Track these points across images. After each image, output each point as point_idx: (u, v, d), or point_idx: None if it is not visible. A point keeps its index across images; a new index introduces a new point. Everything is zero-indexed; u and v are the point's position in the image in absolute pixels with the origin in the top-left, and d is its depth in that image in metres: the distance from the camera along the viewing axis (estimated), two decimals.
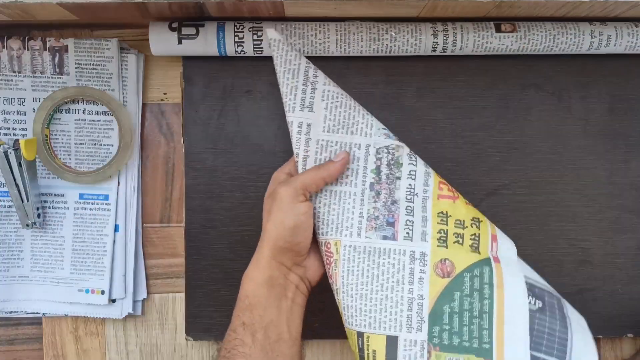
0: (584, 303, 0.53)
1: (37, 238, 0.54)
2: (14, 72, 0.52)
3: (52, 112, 0.52)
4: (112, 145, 0.53)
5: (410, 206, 0.44)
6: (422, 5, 0.46)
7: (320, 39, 0.50)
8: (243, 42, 0.49)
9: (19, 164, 0.50)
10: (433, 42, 0.50)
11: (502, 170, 0.53)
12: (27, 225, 0.52)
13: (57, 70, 0.53)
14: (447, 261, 0.42)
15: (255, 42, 0.49)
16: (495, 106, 0.53)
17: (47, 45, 0.52)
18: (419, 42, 0.50)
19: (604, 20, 0.51)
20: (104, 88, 0.53)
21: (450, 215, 0.44)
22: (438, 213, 0.44)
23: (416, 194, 0.44)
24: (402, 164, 0.44)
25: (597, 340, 0.56)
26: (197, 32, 0.49)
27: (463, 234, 0.43)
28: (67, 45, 0.52)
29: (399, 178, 0.44)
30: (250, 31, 0.49)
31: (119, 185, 0.54)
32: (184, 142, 0.53)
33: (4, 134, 0.53)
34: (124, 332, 0.55)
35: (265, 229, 0.42)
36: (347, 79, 0.53)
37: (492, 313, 0.41)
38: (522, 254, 0.54)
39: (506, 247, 0.45)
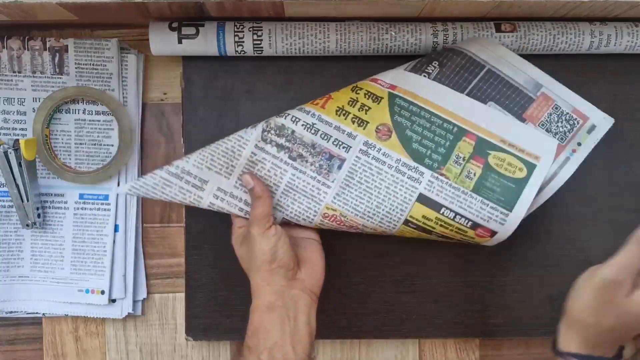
0: None
1: (37, 238, 0.54)
2: (14, 72, 0.52)
3: (52, 112, 0.52)
4: (112, 145, 0.53)
5: (321, 134, 0.47)
6: (422, 5, 0.46)
7: (320, 39, 0.50)
8: (243, 41, 0.49)
9: (19, 164, 0.50)
10: (433, 41, 0.50)
11: None
12: (27, 225, 0.52)
13: (57, 70, 0.53)
14: (379, 127, 0.47)
15: (255, 42, 0.49)
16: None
17: (47, 45, 0.52)
18: (418, 41, 0.50)
19: (604, 20, 0.51)
20: (104, 88, 0.53)
21: (342, 106, 0.47)
22: (336, 114, 0.47)
23: (313, 124, 0.47)
24: (282, 124, 0.47)
25: None
26: (197, 32, 0.49)
27: (362, 103, 0.47)
28: (67, 45, 0.52)
29: (293, 131, 0.47)
30: (250, 31, 0.49)
31: (119, 185, 0.54)
32: (184, 142, 0.53)
33: (4, 134, 0.53)
34: (124, 332, 0.55)
35: (250, 265, 0.46)
36: (347, 78, 0.53)
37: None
38: (523, 254, 0.54)
39: (385, 74, 0.48)
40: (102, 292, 0.54)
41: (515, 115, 0.45)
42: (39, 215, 0.52)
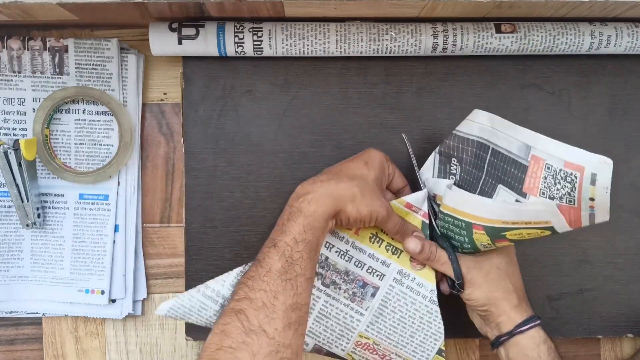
0: (584, 303, 0.53)
1: (37, 238, 0.54)
2: (14, 72, 0.52)
3: (52, 112, 0.52)
4: (112, 145, 0.53)
5: (355, 261, 0.46)
6: (422, 5, 0.46)
7: (320, 39, 0.50)
8: (243, 42, 0.49)
9: (19, 164, 0.50)
10: (433, 42, 0.50)
11: None
12: (27, 225, 0.52)
13: (57, 70, 0.53)
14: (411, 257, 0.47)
15: (255, 43, 0.49)
16: (495, 106, 0.53)
17: (47, 45, 0.52)
18: (419, 42, 0.50)
19: (604, 20, 0.51)
20: (104, 88, 0.53)
21: (376, 232, 0.47)
22: (370, 240, 0.47)
23: (347, 251, 0.47)
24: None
25: (597, 341, 0.56)
26: (197, 33, 0.49)
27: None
28: (67, 45, 0.52)
29: (327, 258, 0.46)
30: (250, 31, 0.49)
31: (119, 185, 0.54)
32: (184, 142, 0.53)
33: (4, 134, 0.53)
34: (124, 332, 0.55)
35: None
36: (347, 78, 0.53)
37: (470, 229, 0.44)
38: (523, 254, 0.54)
39: (418, 199, 0.47)
40: (102, 292, 0.54)
41: (517, 191, 0.42)
42: (39, 215, 0.52)
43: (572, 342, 0.56)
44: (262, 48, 0.50)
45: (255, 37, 0.49)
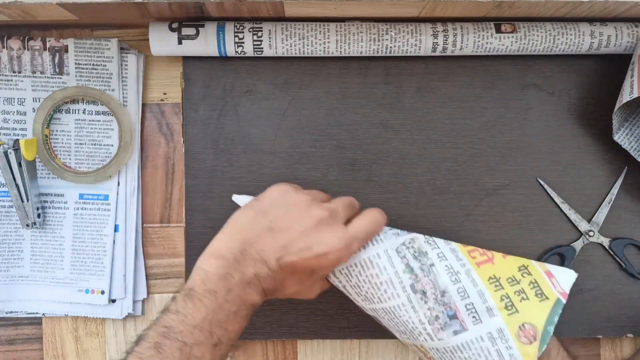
0: (584, 303, 0.53)
1: (37, 238, 0.54)
2: (14, 72, 0.52)
3: (52, 112, 0.52)
4: (112, 145, 0.53)
5: (460, 288, 0.40)
6: (422, 5, 0.46)
7: (320, 39, 0.50)
8: (243, 42, 0.49)
9: (19, 164, 0.50)
10: (433, 42, 0.50)
11: (502, 170, 0.53)
12: (27, 225, 0.52)
13: (57, 70, 0.53)
14: (525, 325, 0.40)
15: (255, 43, 0.49)
16: (495, 106, 0.53)
17: (47, 45, 0.52)
18: (419, 42, 0.50)
19: (604, 20, 0.51)
20: (104, 88, 0.53)
21: (500, 277, 0.41)
22: (488, 280, 0.41)
23: (458, 272, 0.41)
24: (426, 251, 0.42)
25: (597, 341, 0.56)
26: (197, 33, 0.49)
27: (522, 289, 0.41)
28: (67, 45, 0.52)
29: (432, 265, 0.41)
30: (250, 31, 0.49)
31: (119, 185, 0.54)
32: (184, 142, 0.53)
33: (4, 134, 0.53)
34: (124, 332, 0.55)
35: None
36: (347, 78, 0.53)
37: None
38: (522, 254, 0.54)
39: (565, 278, 0.42)
40: (102, 292, 0.54)
41: None
42: (39, 215, 0.52)
43: (572, 342, 0.56)
44: (262, 48, 0.50)
45: (255, 37, 0.49)
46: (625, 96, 0.47)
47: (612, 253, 0.53)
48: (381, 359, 0.56)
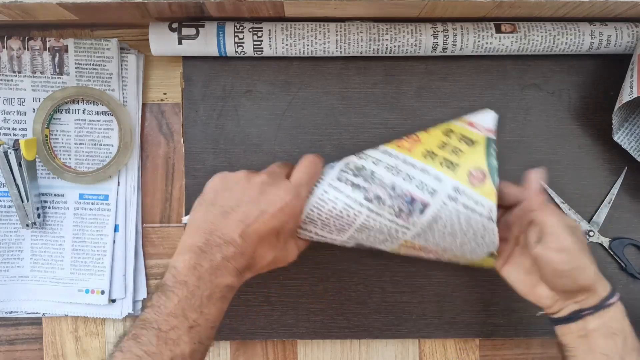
0: None
1: (37, 238, 0.54)
2: (14, 72, 0.52)
3: (52, 112, 0.52)
4: (112, 145, 0.53)
5: (404, 176, 0.43)
6: (423, 5, 0.46)
7: (320, 39, 0.50)
8: (243, 42, 0.49)
9: (19, 164, 0.50)
10: (433, 42, 0.50)
11: (502, 170, 0.53)
12: (27, 225, 0.52)
13: (57, 70, 0.53)
14: (472, 172, 0.42)
15: (255, 43, 0.49)
16: (496, 106, 0.53)
17: (47, 45, 0.52)
18: (419, 42, 0.50)
19: (604, 20, 0.51)
20: (104, 88, 0.53)
21: (431, 149, 0.44)
22: (424, 157, 0.44)
23: (396, 166, 0.44)
24: (362, 165, 0.44)
25: None
26: (197, 33, 0.49)
27: (455, 147, 0.44)
28: (67, 45, 0.52)
29: (373, 172, 0.44)
30: (250, 32, 0.49)
31: (119, 185, 0.54)
32: (184, 142, 0.53)
33: (4, 134, 0.53)
34: (124, 332, 0.55)
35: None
36: (347, 78, 0.53)
37: None
38: None
39: (485, 118, 0.45)
40: (102, 292, 0.54)
41: None
42: (39, 215, 0.52)
43: None
44: (262, 48, 0.50)
45: (255, 37, 0.49)
46: (625, 96, 0.47)
47: (612, 253, 0.53)
48: (381, 359, 0.56)
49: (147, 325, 0.37)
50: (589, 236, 0.53)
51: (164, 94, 0.55)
